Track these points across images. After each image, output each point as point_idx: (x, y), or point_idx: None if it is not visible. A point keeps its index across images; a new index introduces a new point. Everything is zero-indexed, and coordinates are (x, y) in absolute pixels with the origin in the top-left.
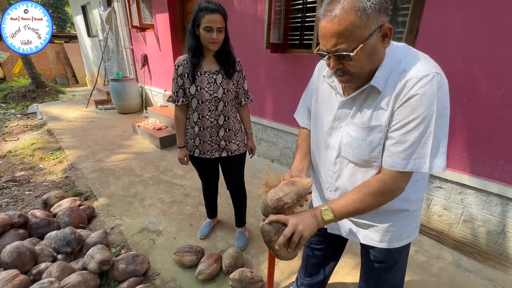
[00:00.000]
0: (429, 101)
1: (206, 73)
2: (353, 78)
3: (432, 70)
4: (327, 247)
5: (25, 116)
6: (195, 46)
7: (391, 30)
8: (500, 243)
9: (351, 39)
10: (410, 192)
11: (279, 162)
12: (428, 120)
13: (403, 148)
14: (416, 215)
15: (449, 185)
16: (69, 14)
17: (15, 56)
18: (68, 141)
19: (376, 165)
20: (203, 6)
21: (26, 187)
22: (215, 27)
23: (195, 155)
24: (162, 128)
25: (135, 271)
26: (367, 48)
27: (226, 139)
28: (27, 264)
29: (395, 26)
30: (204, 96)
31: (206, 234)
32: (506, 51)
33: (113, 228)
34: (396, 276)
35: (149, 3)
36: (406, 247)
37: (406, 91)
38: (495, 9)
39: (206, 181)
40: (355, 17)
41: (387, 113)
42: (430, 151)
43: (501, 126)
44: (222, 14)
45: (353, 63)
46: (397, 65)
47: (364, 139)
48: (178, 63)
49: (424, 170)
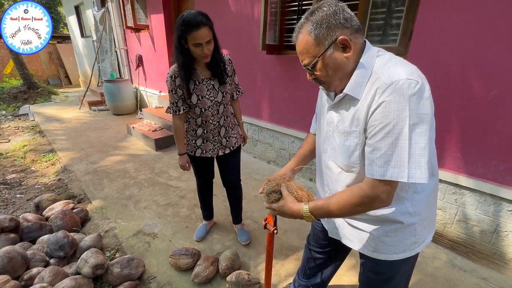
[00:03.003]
0: (399, 108)
1: (203, 80)
2: (329, 85)
3: (403, 77)
4: (328, 252)
5: (16, 117)
6: (186, 62)
7: (346, 40)
8: (493, 243)
9: (310, 55)
10: (408, 205)
11: (275, 163)
12: (400, 127)
13: (379, 155)
14: (413, 229)
15: (444, 185)
16: (62, 14)
17: (6, 57)
18: (61, 143)
19: (356, 170)
20: (187, 21)
21: (18, 190)
22: (204, 42)
23: (197, 155)
24: (157, 130)
25: (130, 275)
26: (326, 60)
27: (226, 136)
28: (19, 269)
29: (389, 29)
30: (207, 103)
31: (202, 237)
32: (498, 52)
33: (107, 231)
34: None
35: (143, 4)
36: (405, 262)
37: (376, 98)
38: (487, 12)
39: (202, 179)
40: (308, 38)
41: (362, 119)
42: (408, 159)
43: (493, 126)
44: (209, 25)
45: (319, 74)
46: (374, 72)
47: (343, 144)
48: (174, 74)
49: (403, 180)
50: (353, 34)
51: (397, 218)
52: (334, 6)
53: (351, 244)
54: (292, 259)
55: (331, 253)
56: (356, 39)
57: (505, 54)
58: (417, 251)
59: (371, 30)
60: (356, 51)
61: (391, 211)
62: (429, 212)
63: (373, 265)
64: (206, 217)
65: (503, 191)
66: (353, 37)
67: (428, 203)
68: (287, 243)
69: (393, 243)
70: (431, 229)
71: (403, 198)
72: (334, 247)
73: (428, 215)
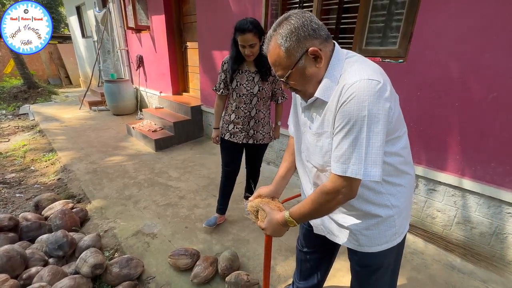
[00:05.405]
0: (359, 107)
1: (246, 71)
2: (304, 93)
3: (364, 77)
4: (319, 251)
5: (16, 117)
6: (235, 55)
7: (316, 51)
8: (492, 245)
9: (282, 67)
10: (389, 198)
11: (275, 164)
12: (360, 125)
13: (341, 153)
14: (392, 221)
15: (443, 188)
16: (63, 14)
17: (7, 56)
18: (60, 143)
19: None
20: (237, 26)
21: (17, 189)
22: (247, 45)
23: (225, 138)
24: (157, 130)
25: (129, 275)
26: (299, 71)
27: (255, 129)
28: (17, 268)
29: (389, 31)
30: (242, 91)
31: (211, 225)
32: (497, 55)
33: (107, 231)
34: (382, 281)
35: (145, 5)
36: (389, 252)
37: (341, 98)
38: (486, 16)
39: (228, 167)
40: (279, 51)
41: (331, 120)
42: (365, 157)
43: (492, 129)
44: (254, 32)
45: (294, 83)
46: (342, 75)
47: (316, 145)
48: (225, 61)
49: (359, 177)
50: (322, 44)
51: (375, 211)
52: (302, 17)
53: (336, 239)
54: (291, 260)
55: (322, 251)
56: (326, 48)
57: (504, 57)
58: (397, 241)
59: (371, 33)
60: (327, 59)
61: (370, 204)
62: (407, 204)
63: (359, 258)
64: (219, 210)
65: (502, 193)
66: (323, 47)
67: (406, 197)
68: (286, 244)
69: (374, 236)
70: (408, 219)
71: (381, 193)
72: (323, 244)
73: (406, 207)
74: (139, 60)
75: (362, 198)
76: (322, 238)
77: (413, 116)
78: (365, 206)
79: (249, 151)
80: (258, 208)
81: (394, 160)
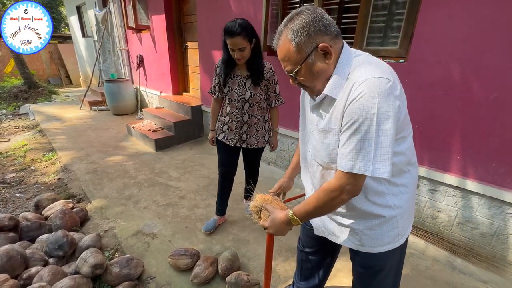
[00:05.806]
0: (368, 105)
1: (237, 76)
2: (312, 89)
3: (375, 75)
4: (320, 251)
5: (16, 116)
6: (226, 59)
7: (327, 47)
8: (493, 245)
9: (292, 62)
10: (392, 198)
11: (275, 164)
12: (369, 123)
13: (349, 150)
14: (395, 222)
15: (443, 188)
16: (63, 14)
17: (7, 56)
18: (61, 143)
19: (336, 167)
20: (225, 29)
21: (17, 189)
22: (236, 48)
23: (219, 138)
24: (157, 130)
25: (129, 275)
26: (308, 67)
27: (248, 134)
28: (18, 268)
29: (390, 31)
30: (234, 96)
31: (210, 230)
32: (498, 55)
33: (107, 231)
34: (384, 283)
35: (145, 4)
36: (392, 254)
37: (350, 96)
38: (487, 15)
39: (224, 169)
40: (289, 46)
41: (339, 117)
42: (374, 154)
43: (493, 129)
44: (243, 35)
45: (302, 79)
46: (351, 73)
47: (322, 142)
48: (218, 64)
49: (367, 174)
50: (332, 40)
51: (378, 211)
52: (313, 13)
53: (338, 240)
54: (291, 260)
55: (323, 251)
56: (336, 45)
57: (505, 57)
58: (400, 242)
59: (372, 33)
60: (336, 55)
61: (373, 205)
62: (410, 205)
63: (361, 259)
64: (218, 211)
65: (503, 193)
66: (333, 43)
67: (409, 197)
68: (287, 244)
69: (377, 236)
70: (410, 221)
71: (384, 193)
72: (324, 244)
73: (409, 207)
74: (140, 60)
75: (365, 199)
76: (324, 238)
77: (413, 116)
78: (368, 207)
79: (245, 154)
80: (261, 208)
81: (399, 160)
